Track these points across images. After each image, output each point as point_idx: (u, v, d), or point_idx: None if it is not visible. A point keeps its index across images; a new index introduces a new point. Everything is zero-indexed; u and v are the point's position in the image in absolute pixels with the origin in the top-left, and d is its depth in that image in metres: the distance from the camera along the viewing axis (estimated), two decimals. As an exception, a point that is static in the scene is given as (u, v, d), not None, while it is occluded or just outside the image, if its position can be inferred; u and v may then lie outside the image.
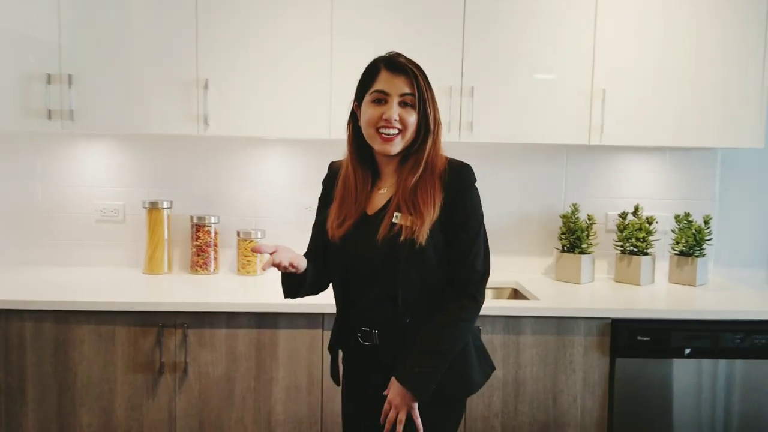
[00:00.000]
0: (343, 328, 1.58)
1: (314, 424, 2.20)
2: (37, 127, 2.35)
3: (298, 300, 1.61)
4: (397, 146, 1.47)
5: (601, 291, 2.51)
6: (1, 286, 2.27)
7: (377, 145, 1.48)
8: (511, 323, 2.19)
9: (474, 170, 1.51)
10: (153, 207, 2.59)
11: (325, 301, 2.15)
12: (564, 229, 2.66)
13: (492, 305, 2.17)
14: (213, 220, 2.63)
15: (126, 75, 2.36)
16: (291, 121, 2.38)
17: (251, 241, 2.61)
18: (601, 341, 2.20)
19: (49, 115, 2.35)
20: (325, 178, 1.64)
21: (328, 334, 2.16)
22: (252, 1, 2.34)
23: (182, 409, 2.17)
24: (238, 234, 2.63)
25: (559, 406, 2.22)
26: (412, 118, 1.46)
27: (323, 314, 2.15)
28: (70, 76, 2.34)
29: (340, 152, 1.61)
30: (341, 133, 1.62)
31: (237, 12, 2.34)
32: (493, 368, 1.62)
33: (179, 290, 2.34)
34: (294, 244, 1.58)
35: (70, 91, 2.35)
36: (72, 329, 2.14)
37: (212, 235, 2.63)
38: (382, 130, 1.46)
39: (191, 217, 2.64)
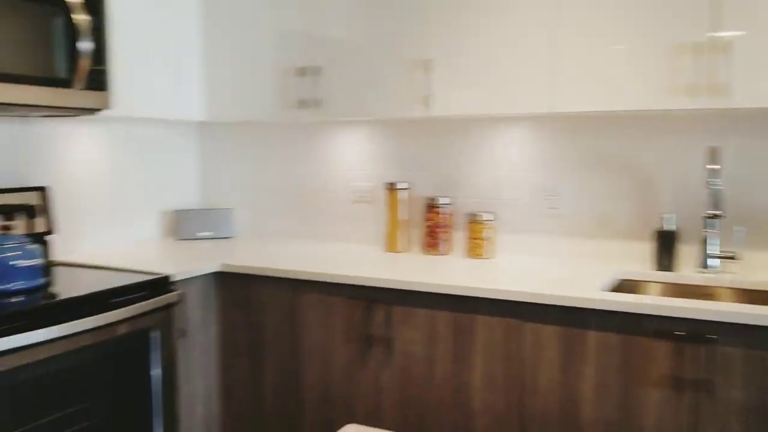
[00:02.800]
0: None
1: (513, 419, 2.05)
2: (290, 117, 2.66)
3: (499, 286, 1.47)
4: None
5: None
6: (260, 255, 2.64)
7: None
8: None
9: None
10: (391, 188, 2.71)
11: (525, 289, 2.00)
12: None
13: None
14: (444, 201, 2.64)
15: (361, 63, 2.51)
16: (510, 96, 2.25)
17: (479, 223, 2.55)
18: None
19: (301, 105, 2.64)
20: None
21: (528, 326, 2.00)
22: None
23: (387, 382, 2.24)
24: (468, 216, 2.59)
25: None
26: None
27: (524, 303, 2.00)
28: (318, 68, 2.59)
29: (566, 128, 1.45)
30: (563, 106, 1.46)
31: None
32: None
33: (395, 268, 2.40)
34: (526, 226, 1.48)
35: (318, 82, 2.59)
36: (302, 297, 2.38)
37: (443, 216, 2.64)
38: None
39: (423, 199, 2.69)
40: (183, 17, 2.76)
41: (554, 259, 2.53)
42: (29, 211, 2.17)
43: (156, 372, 2.20)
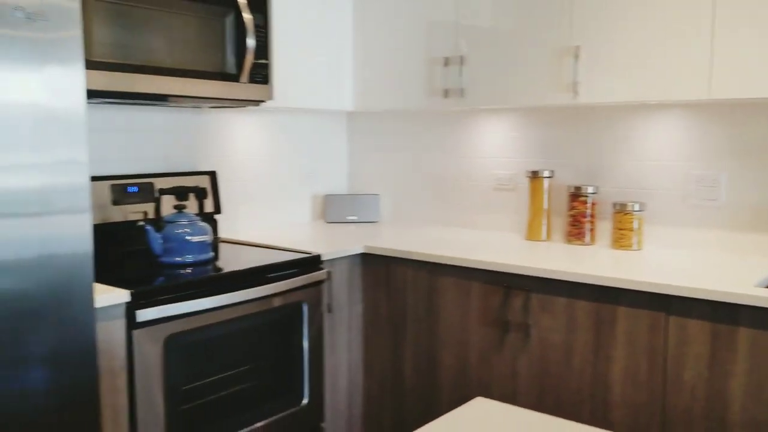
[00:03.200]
0: None
1: (653, 414, 2.00)
2: (434, 106, 2.74)
3: (644, 278, 1.48)
4: None
5: None
6: (401, 238, 2.74)
7: None
8: None
9: None
10: (534, 176, 2.71)
11: (671, 281, 1.96)
12: None
13: None
14: (590, 190, 2.59)
15: (505, 51, 2.52)
16: (664, 82, 2.17)
17: (626, 213, 2.48)
18: None
19: (445, 93, 2.70)
20: None
21: (674, 319, 1.93)
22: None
23: (524, 367, 2.26)
24: (614, 206, 2.53)
25: None
26: None
27: (670, 296, 1.93)
28: (461, 57, 2.64)
29: (720, 115, 1.43)
30: (722, 93, 1.43)
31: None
32: None
33: (536, 256, 2.40)
34: (677, 218, 1.49)
35: (462, 71, 2.65)
36: (440, 280, 2.45)
37: (588, 205, 2.59)
38: None
39: (567, 187, 2.66)
40: (337, 10, 2.92)
41: (707, 252, 2.41)
42: (200, 193, 2.42)
43: (305, 342, 2.38)
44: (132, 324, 1.85)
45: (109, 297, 1.80)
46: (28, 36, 1.53)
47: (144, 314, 1.85)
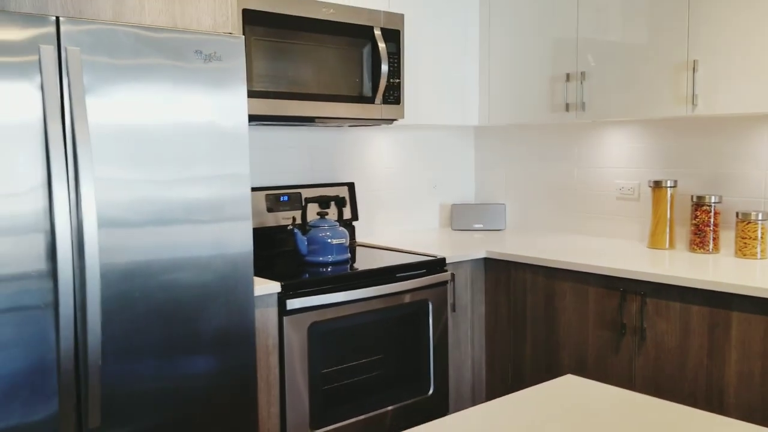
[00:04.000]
0: None
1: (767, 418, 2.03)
2: (557, 119, 2.88)
3: (758, 284, 1.57)
4: None
5: None
6: (522, 245, 2.90)
7: None
8: None
9: None
10: (657, 186, 2.77)
11: None
12: None
13: None
14: (713, 199, 2.61)
15: (622, 66, 2.63)
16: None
17: (749, 222, 2.48)
18: None
19: (567, 107, 2.84)
20: None
21: (788, 325, 1.96)
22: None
23: (640, 369, 2.35)
24: (737, 215, 2.53)
25: None
26: None
27: (786, 303, 1.96)
28: (582, 73, 2.77)
29: None
30: None
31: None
32: None
33: (660, 263, 2.47)
34: None
35: (583, 86, 2.78)
36: (558, 284, 2.59)
37: (711, 214, 2.62)
38: None
39: (691, 197, 2.69)
40: (464, 31, 3.15)
41: (838, 263, 2.36)
42: (339, 202, 2.74)
43: (431, 337, 2.62)
44: (282, 311, 2.19)
45: (265, 287, 2.14)
46: (205, 71, 1.90)
47: (292, 303, 2.19)
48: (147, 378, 1.84)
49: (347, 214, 3.02)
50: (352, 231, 3.05)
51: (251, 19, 2.32)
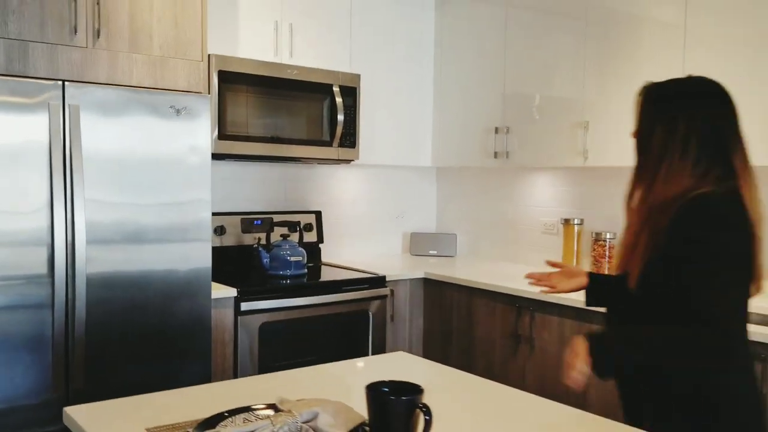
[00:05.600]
0: None
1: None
2: (489, 164, 3.43)
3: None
4: None
5: None
6: (457, 269, 3.43)
7: None
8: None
9: None
10: (566, 223, 3.28)
11: None
12: None
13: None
14: (608, 236, 3.11)
15: (537, 121, 3.17)
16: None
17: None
18: None
19: (495, 155, 3.38)
20: None
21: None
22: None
23: (530, 371, 2.85)
24: (592, 234, 3.03)
25: None
26: None
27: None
28: (507, 128, 3.32)
29: None
30: None
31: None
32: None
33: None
34: None
35: (506, 138, 3.32)
36: (475, 301, 3.11)
37: (606, 248, 3.12)
38: None
39: (591, 233, 3.20)
40: (419, 87, 3.73)
41: None
42: (304, 227, 3.31)
43: (370, 342, 3.16)
44: (237, 311, 2.75)
45: (225, 292, 2.72)
46: (177, 120, 2.50)
47: (245, 306, 2.75)
48: (122, 358, 2.41)
49: (312, 237, 3.59)
50: (318, 252, 3.61)
51: (226, 78, 2.93)
